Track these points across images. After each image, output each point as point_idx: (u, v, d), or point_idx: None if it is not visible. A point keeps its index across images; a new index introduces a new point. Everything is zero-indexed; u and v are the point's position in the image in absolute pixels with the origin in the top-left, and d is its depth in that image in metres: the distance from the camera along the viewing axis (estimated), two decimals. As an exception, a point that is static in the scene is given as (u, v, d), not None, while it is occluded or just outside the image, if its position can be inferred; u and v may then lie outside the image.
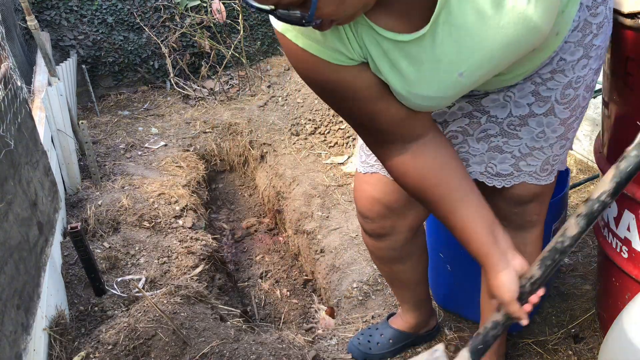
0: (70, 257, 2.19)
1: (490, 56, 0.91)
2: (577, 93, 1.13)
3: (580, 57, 1.09)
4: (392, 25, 0.90)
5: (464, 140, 1.23)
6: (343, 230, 2.45)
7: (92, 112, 4.14)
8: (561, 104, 1.13)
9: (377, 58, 0.93)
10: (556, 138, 1.18)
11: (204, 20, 4.27)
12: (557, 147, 1.20)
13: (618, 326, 1.07)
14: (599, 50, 1.10)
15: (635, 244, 1.40)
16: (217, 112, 3.94)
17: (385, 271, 1.60)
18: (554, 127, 1.17)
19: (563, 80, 1.11)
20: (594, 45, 1.08)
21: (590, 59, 1.10)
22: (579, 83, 1.12)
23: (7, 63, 1.76)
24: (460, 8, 0.86)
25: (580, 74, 1.11)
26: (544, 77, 1.11)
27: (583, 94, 1.15)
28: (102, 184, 2.84)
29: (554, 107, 1.14)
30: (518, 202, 1.29)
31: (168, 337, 1.71)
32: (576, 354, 1.64)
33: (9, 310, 1.29)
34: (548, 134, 1.18)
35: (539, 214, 1.33)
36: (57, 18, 4.21)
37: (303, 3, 0.76)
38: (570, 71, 1.10)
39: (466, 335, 1.75)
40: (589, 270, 1.98)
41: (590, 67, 1.11)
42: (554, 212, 1.58)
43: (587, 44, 1.08)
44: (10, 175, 1.45)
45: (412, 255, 1.53)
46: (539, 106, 1.14)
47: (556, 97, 1.13)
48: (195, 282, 2.12)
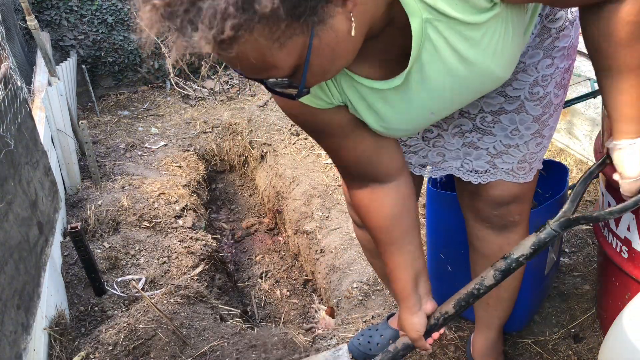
0: (70, 257, 2.19)
1: (459, 100, 1.03)
2: (547, 90, 1.15)
3: (541, 58, 1.12)
4: (369, 73, 0.97)
5: (438, 135, 1.25)
6: (343, 230, 2.45)
7: (92, 112, 4.14)
8: (531, 100, 1.16)
9: (354, 101, 1.01)
10: (531, 135, 1.20)
11: (204, 20, 4.27)
12: (533, 144, 1.22)
13: (618, 326, 1.07)
14: (565, 50, 1.13)
15: (635, 244, 1.40)
16: (217, 112, 3.94)
17: (378, 266, 1.60)
18: (528, 124, 1.18)
19: (528, 79, 1.14)
20: (556, 46, 1.11)
21: (554, 58, 1.12)
22: (546, 81, 1.14)
23: (7, 63, 1.76)
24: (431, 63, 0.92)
25: (546, 73, 1.13)
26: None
27: (554, 92, 1.16)
28: (102, 184, 2.84)
29: (524, 103, 1.16)
30: (498, 203, 1.29)
31: (168, 337, 1.71)
32: (576, 354, 1.64)
33: (9, 310, 1.29)
34: (522, 130, 1.19)
35: (521, 214, 1.33)
36: (57, 18, 4.21)
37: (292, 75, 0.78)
38: (533, 70, 1.13)
39: (466, 335, 1.75)
40: (589, 270, 1.98)
41: (557, 66, 1.13)
42: (554, 212, 1.57)
43: (547, 46, 1.11)
44: (10, 175, 1.45)
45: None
46: (509, 103, 1.17)
47: (525, 95, 1.15)
48: (195, 282, 2.12)
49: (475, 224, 1.38)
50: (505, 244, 1.36)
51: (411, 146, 1.30)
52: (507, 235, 1.35)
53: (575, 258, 2.06)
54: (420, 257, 1.20)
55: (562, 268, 2.00)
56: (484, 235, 1.38)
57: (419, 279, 1.20)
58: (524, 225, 1.36)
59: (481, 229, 1.37)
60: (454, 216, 1.61)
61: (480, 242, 1.40)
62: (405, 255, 1.18)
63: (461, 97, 1.02)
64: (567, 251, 2.10)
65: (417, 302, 1.19)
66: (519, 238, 1.36)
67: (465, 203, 1.37)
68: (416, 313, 1.18)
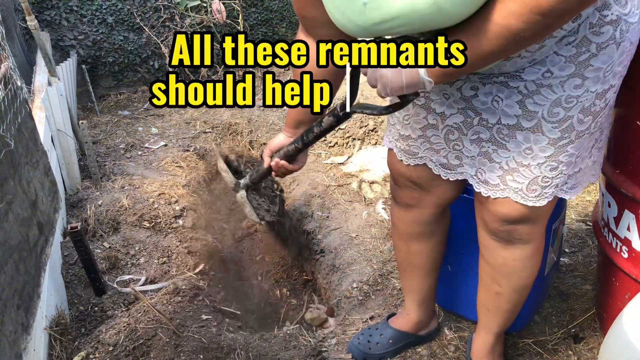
0: (70, 257, 2.19)
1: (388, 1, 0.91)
2: (569, 114, 1.09)
3: (571, 75, 1.05)
4: None
5: (459, 138, 1.25)
6: (343, 230, 2.45)
7: (92, 112, 4.14)
8: (549, 122, 1.11)
9: None
10: (545, 158, 1.16)
11: (204, 20, 4.27)
12: (547, 168, 1.17)
13: (618, 326, 1.07)
14: (600, 72, 1.05)
15: (635, 244, 1.40)
16: (217, 112, 3.94)
17: (403, 251, 1.60)
18: (542, 146, 1.14)
19: (551, 96, 1.08)
20: (591, 65, 1.04)
21: (585, 79, 1.06)
22: (571, 103, 1.08)
23: (7, 63, 1.76)
24: None
25: (572, 94, 1.07)
26: (529, 88, 1.10)
27: (578, 117, 1.10)
28: (102, 184, 2.84)
29: (541, 123, 1.12)
30: (505, 220, 1.28)
31: (168, 337, 1.71)
32: (576, 354, 1.64)
33: (9, 310, 1.29)
34: (535, 151, 1.16)
35: (531, 234, 1.31)
36: (57, 18, 4.21)
37: None
38: (558, 88, 1.07)
39: (466, 335, 1.75)
40: (589, 270, 1.98)
41: (587, 88, 1.07)
42: (554, 211, 1.57)
43: (582, 62, 1.04)
44: (10, 175, 1.45)
45: (433, 235, 1.54)
46: (527, 120, 1.13)
47: (543, 114, 1.11)
48: (195, 282, 2.12)
49: (483, 233, 1.38)
50: (510, 259, 1.34)
51: (434, 144, 1.30)
52: (513, 250, 1.33)
53: (575, 258, 2.06)
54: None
55: (562, 268, 2.00)
56: (490, 245, 1.37)
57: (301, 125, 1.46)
58: (535, 244, 1.33)
59: (488, 239, 1.37)
60: (457, 218, 1.61)
61: (486, 250, 1.40)
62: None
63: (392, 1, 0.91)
64: (567, 251, 2.10)
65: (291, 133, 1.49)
66: (526, 256, 1.34)
67: (477, 210, 1.37)
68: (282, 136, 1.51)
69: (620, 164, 1.40)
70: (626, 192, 1.36)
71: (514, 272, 1.37)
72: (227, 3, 4.23)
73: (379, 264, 2.14)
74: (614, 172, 1.41)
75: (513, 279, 1.39)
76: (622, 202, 1.41)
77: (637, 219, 1.37)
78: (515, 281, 1.39)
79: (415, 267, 1.60)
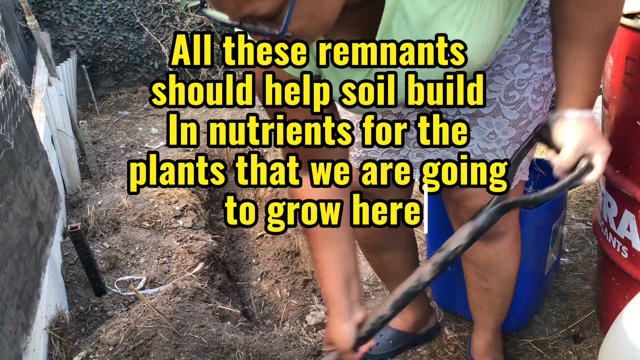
0: (70, 257, 2.19)
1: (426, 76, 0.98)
2: (524, 95, 1.15)
3: (518, 62, 1.12)
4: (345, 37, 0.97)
5: (418, 135, 1.25)
6: (343, 230, 2.45)
7: (92, 112, 4.14)
8: (507, 104, 1.15)
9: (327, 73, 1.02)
10: (508, 140, 1.19)
11: (204, 20, 4.27)
12: (511, 150, 1.20)
13: (618, 326, 1.07)
14: (544, 57, 1.13)
15: (635, 244, 1.40)
16: (217, 112, 3.95)
17: (375, 263, 1.60)
18: (504, 129, 1.18)
19: (504, 82, 1.14)
20: (534, 52, 1.12)
21: (532, 64, 1.12)
22: (523, 85, 1.14)
23: (7, 63, 1.76)
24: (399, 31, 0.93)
25: (522, 77, 1.13)
26: None
27: (532, 97, 1.15)
28: (102, 184, 2.84)
29: (500, 107, 1.16)
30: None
31: (168, 337, 1.71)
32: (576, 354, 1.64)
33: (9, 310, 1.29)
34: (499, 135, 1.18)
35: (507, 225, 1.31)
36: (57, 18, 4.21)
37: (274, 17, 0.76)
38: (509, 74, 1.13)
39: (466, 335, 1.75)
40: (589, 270, 1.98)
41: (534, 71, 1.13)
42: (554, 212, 1.58)
43: (524, 51, 1.11)
44: (10, 175, 1.45)
45: (399, 243, 1.54)
46: (486, 106, 1.16)
47: (500, 98, 1.15)
48: (195, 282, 2.12)
49: None
50: (494, 254, 1.36)
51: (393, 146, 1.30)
52: (494, 245, 1.34)
53: (575, 258, 2.06)
54: (354, 257, 1.12)
55: (562, 268, 2.00)
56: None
57: (352, 282, 1.10)
58: (512, 234, 1.35)
59: None
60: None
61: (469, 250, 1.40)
62: (339, 250, 1.10)
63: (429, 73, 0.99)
64: (567, 251, 2.10)
65: (348, 308, 1.07)
66: (507, 247, 1.35)
67: (451, 212, 1.37)
68: (346, 321, 1.06)
69: (620, 164, 1.40)
70: (626, 192, 1.36)
71: (498, 266, 1.38)
72: (227, 3, 4.23)
73: (379, 264, 2.14)
74: (614, 172, 1.41)
75: (499, 273, 1.40)
76: (622, 202, 1.41)
77: (637, 219, 1.37)
78: (501, 274, 1.40)
79: (393, 275, 1.60)
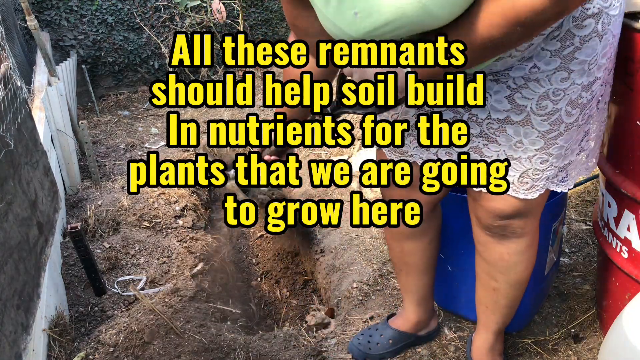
0: (70, 258, 2.19)
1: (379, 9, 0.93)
2: (557, 107, 1.11)
3: (557, 68, 1.07)
4: None
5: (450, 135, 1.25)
6: (343, 230, 2.45)
7: (92, 112, 4.14)
8: (538, 115, 1.13)
9: None
10: (535, 151, 1.17)
11: (204, 20, 4.27)
12: (537, 161, 1.19)
13: (618, 326, 1.07)
14: (585, 65, 1.07)
15: (635, 244, 1.40)
16: (217, 112, 3.95)
17: (396, 251, 1.60)
18: (532, 139, 1.16)
19: (538, 90, 1.10)
20: (576, 58, 1.06)
21: (571, 72, 1.08)
22: (558, 96, 1.10)
23: (7, 63, 1.76)
24: None
25: (559, 87, 1.09)
26: (517, 82, 1.12)
27: (566, 109, 1.12)
28: (102, 184, 2.84)
29: (530, 117, 1.13)
30: (498, 215, 1.29)
31: (168, 337, 1.71)
32: (576, 354, 1.64)
33: (9, 310, 1.29)
34: (526, 144, 1.17)
35: (524, 228, 1.32)
36: (57, 18, 4.21)
37: None
38: (545, 81, 1.09)
39: (466, 335, 1.75)
40: (589, 270, 1.98)
41: (573, 81, 1.08)
42: (554, 211, 1.58)
43: (567, 55, 1.06)
44: (10, 175, 1.45)
45: (426, 234, 1.54)
46: (516, 114, 1.14)
47: (532, 108, 1.12)
48: (195, 282, 2.12)
49: (477, 229, 1.39)
50: (506, 254, 1.36)
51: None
52: (507, 244, 1.35)
53: (575, 258, 2.06)
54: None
55: (562, 268, 2.00)
56: (485, 241, 1.38)
57: None
58: (529, 239, 1.35)
59: (482, 235, 1.38)
60: (454, 217, 1.61)
61: (481, 247, 1.41)
62: None
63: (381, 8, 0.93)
64: (567, 251, 2.10)
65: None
66: (520, 250, 1.36)
67: (470, 207, 1.38)
68: None
69: (620, 164, 1.40)
70: (626, 192, 1.36)
71: (509, 267, 1.39)
72: (227, 3, 4.23)
73: (379, 264, 2.14)
74: (614, 172, 1.41)
75: (509, 274, 1.40)
76: (622, 202, 1.41)
77: (637, 219, 1.37)
78: (511, 275, 1.40)
79: (410, 266, 1.61)
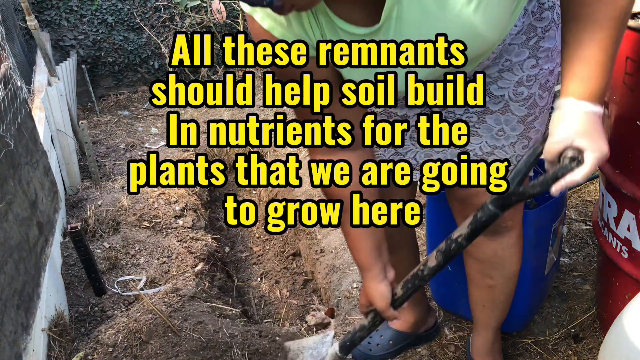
0: (70, 258, 2.19)
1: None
2: (532, 91, 1.16)
3: (527, 58, 1.12)
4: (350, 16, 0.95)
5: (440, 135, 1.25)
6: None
7: (92, 112, 4.14)
8: (516, 101, 1.16)
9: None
10: (517, 136, 1.20)
11: (204, 20, 4.27)
12: (519, 146, 1.21)
13: (618, 326, 1.07)
14: (549, 52, 1.13)
15: (635, 244, 1.40)
16: (217, 112, 3.95)
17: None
18: (513, 125, 1.19)
19: (513, 78, 1.14)
20: (541, 47, 1.12)
21: (539, 59, 1.13)
22: (531, 81, 1.15)
23: (7, 63, 1.76)
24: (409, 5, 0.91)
25: (530, 73, 1.14)
26: (492, 76, 1.15)
27: (539, 93, 1.17)
28: (102, 184, 2.84)
29: (508, 104, 1.17)
30: None
31: (167, 336, 1.71)
32: (576, 354, 1.64)
33: (9, 310, 1.29)
34: (507, 131, 1.19)
35: (513, 219, 1.33)
36: (57, 18, 4.21)
37: None
38: (518, 70, 1.13)
39: (466, 335, 1.75)
40: (589, 270, 1.98)
41: (541, 67, 1.14)
42: (554, 212, 1.58)
43: (533, 45, 1.12)
44: (10, 175, 1.45)
45: (401, 247, 1.54)
46: (494, 103, 1.17)
47: (509, 95, 1.16)
48: (195, 282, 2.12)
49: None
50: (500, 249, 1.37)
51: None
52: (500, 240, 1.35)
53: (575, 258, 2.06)
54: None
55: (562, 268, 2.00)
56: (476, 241, 1.37)
57: (381, 248, 1.20)
58: (517, 232, 1.36)
59: None
60: (453, 217, 1.61)
61: (473, 247, 1.39)
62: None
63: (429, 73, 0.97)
64: (567, 251, 2.10)
65: (382, 270, 1.18)
66: (512, 243, 1.37)
67: (456, 210, 1.37)
68: (382, 281, 1.18)
69: (620, 164, 1.40)
70: (626, 192, 1.36)
71: (504, 261, 1.39)
72: (227, 3, 4.23)
73: (379, 264, 2.14)
74: (614, 172, 1.41)
75: (504, 269, 1.41)
76: (622, 202, 1.41)
77: (637, 219, 1.37)
78: (506, 270, 1.41)
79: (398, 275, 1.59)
